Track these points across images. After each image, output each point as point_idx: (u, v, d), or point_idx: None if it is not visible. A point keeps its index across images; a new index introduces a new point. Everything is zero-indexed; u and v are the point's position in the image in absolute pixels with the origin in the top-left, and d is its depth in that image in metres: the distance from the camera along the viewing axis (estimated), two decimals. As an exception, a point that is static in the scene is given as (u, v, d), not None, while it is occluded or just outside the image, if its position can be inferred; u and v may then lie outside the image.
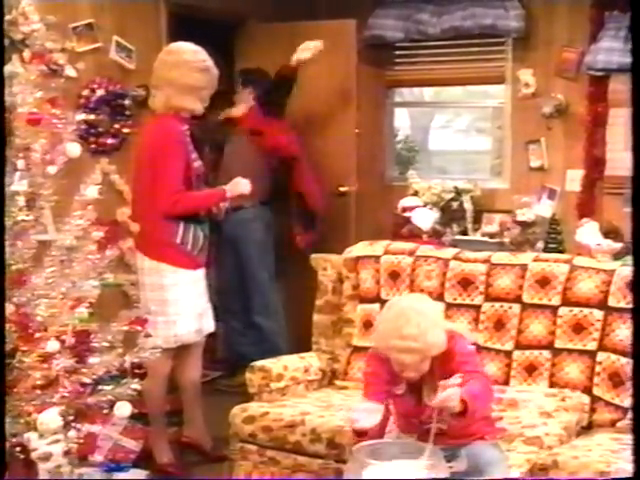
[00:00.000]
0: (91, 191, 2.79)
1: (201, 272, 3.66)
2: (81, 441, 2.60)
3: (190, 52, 3.55)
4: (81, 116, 3.44)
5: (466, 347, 2.55)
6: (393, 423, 2.60)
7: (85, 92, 4.17)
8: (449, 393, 2.32)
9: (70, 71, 4.03)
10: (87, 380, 2.69)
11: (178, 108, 3.51)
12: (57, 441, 2.48)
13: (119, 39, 4.28)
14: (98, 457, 2.69)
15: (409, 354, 2.38)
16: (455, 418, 2.39)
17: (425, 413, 2.46)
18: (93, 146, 4.20)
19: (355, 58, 4.82)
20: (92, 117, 4.06)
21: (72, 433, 2.58)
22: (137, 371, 3.03)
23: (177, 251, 3.51)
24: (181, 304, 3.53)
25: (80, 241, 2.78)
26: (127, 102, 4.30)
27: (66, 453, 2.52)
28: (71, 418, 2.60)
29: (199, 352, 3.77)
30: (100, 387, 2.73)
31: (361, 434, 2.46)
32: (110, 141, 4.24)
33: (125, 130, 4.28)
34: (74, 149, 2.77)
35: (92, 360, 2.73)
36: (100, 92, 4.20)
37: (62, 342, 2.65)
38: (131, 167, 3.73)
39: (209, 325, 3.73)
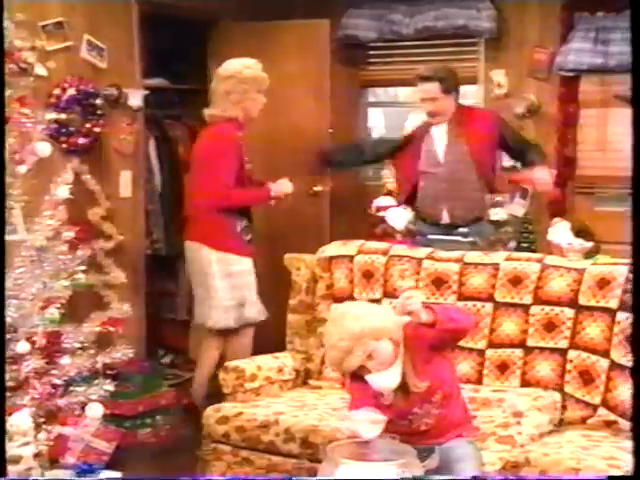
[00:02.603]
0: (62, 191, 2.77)
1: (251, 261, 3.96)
2: (52, 443, 2.58)
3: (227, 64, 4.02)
4: (51, 115, 3.39)
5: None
6: None
7: (56, 91, 4.12)
8: (407, 294, 2.35)
9: (40, 70, 3.96)
10: (58, 381, 2.67)
11: (223, 117, 3.90)
12: (27, 443, 2.46)
13: (90, 38, 4.23)
14: (69, 459, 2.66)
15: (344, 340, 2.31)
16: (427, 330, 2.34)
17: (414, 406, 2.43)
18: (64, 146, 4.15)
19: (329, 58, 4.80)
20: (63, 116, 4.00)
21: (42, 435, 2.55)
22: (109, 372, 3.00)
23: (239, 241, 3.89)
24: (246, 288, 3.90)
25: (51, 241, 2.76)
26: (99, 101, 4.24)
27: (36, 455, 2.49)
28: (42, 420, 2.58)
29: (251, 336, 3.97)
30: (71, 388, 2.70)
31: None
32: (81, 141, 4.18)
33: (97, 129, 4.23)
34: (44, 148, 2.75)
35: (63, 361, 2.71)
36: (71, 91, 4.14)
37: (32, 343, 2.62)
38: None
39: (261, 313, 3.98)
